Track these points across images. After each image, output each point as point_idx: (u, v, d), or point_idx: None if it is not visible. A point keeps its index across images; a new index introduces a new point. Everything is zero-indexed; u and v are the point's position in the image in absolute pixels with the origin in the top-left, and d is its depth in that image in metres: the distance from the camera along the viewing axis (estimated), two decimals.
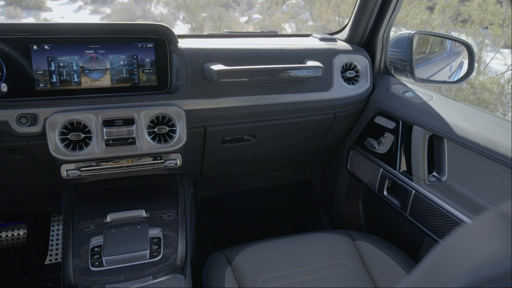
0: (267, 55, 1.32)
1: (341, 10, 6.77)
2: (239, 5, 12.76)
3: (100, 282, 0.96)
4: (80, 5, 14.40)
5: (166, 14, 12.45)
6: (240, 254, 1.17)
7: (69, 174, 1.15)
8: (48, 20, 10.91)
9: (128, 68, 1.20)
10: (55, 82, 1.15)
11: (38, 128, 1.09)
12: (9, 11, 12.03)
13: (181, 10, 11.45)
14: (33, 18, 11.68)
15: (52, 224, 1.79)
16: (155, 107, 1.16)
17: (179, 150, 1.22)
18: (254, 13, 11.16)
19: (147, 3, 13.22)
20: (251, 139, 1.38)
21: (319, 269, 1.17)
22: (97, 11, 13.14)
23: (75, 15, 13.14)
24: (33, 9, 12.88)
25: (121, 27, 1.20)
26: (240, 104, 1.28)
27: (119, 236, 1.08)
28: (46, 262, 1.70)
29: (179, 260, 1.05)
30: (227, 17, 10.12)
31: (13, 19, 11.15)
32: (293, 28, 8.51)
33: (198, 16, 10.36)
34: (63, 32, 1.15)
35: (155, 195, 1.25)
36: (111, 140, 1.13)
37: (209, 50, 1.26)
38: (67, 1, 14.83)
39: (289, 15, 8.88)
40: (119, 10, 12.75)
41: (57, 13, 13.08)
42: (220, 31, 5.76)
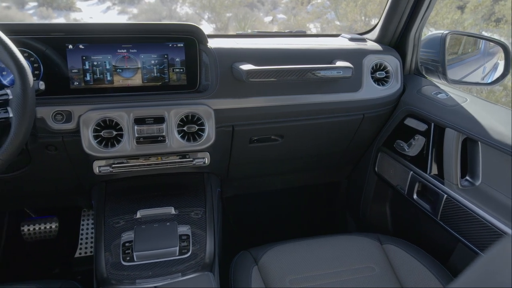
0: (296, 55, 1.32)
1: (368, 10, 6.67)
2: (264, 5, 12.76)
3: (130, 276, 0.98)
4: (108, 5, 14.73)
5: (191, 14, 12.58)
6: (267, 254, 1.17)
7: (101, 171, 1.18)
8: (78, 20, 11.22)
9: (159, 67, 1.22)
10: (89, 80, 1.18)
11: (73, 125, 1.13)
12: (41, 11, 12.43)
13: (206, 10, 11.54)
14: (63, 18, 12.03)
15: (82, 219, 1.84)
16: (184, 106, 1.18)
17: (208, 149, 1.23)
18: (278, 13, 11.13)
19: (173, 3, 13.39)
20: (278, 139, 1.38)
21: (346, 272, 1.16)
22: (124, 11, 13.41)
23: (103, 15, 13.44)
24: (64, 10, 13.27)
25: (153, 27, 1.22)
26: (268, 104, 1.28)
27: (149, 232, 1.10)
28: (76, 255, 1.75)
29: (208, 258, 1.06)
30: (251, 17, 10.14)
31: (45, 19, 11.50)
32: (318, 28, 8.44)
33: (223, 16, 10.43)
34: (98, 32, 1.18)
35: (183, 193, 1.27)
36: (141, 138, 1.15)
37: (238, 50, 1.27)
38: (96, 2, 15.19)
39: (314, 15, 8.82)
40: (146, 11, 12.97)
41: (86, 13, 13.41)
42: (244, 31, 5.77)
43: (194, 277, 0.99)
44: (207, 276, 1.00)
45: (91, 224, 1.84)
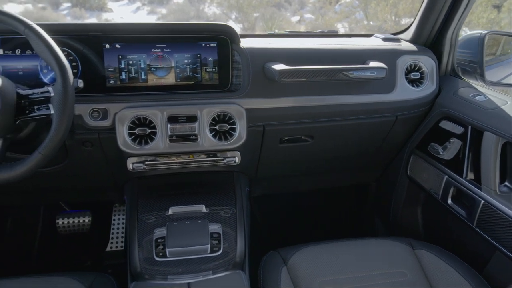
0: (328, 55, 1.30)
1: (399, 9, 6.53)
2: (291, 5, 12.70)
3: (162, 272, 1.00)
4: (138, 6, 15.02)
5: (218, 14, 12.67)
6: (296, 255, 1.16)
7: (135, 167, 1.21)
8: (109, 20, 11.48)
9: (192, 66, 1.24)
10: (124, 79, 1.21)
11: (108, 122, 1.16)
12: (74, 12, 12.82)
13: (234, 10, 11.59)
14: (95, 18, 12.36)
15: (114, 214, 1.89)
16: (217, 105, 1.19)
17: (238, 148, 1.24)
18: (306, 12, 11.06)
19: (200, 3, 13.53)
20: (308, 140, 1.37)
21: (377, 276, 1.14)
22: (153, 12, 13.65)
23: (133, 15, 13.73)
24: (96, 10, 13.63)
25: (187, 27, 1.23)
26: (299, 104, 1.27)
27: (181, 229, 1.11)
28: (107, 249, 1.80)
29: (238, 256, 1.06)
30: (278, 16, 10.11)
31: (78, 20, 11.84)
32: (346, 28, 8.34)
33: (250, 16, 10.45)
34: (133, 32, 1.21)
35: (214, 191, 1.28)
36: (174, 136, 1.17)
37: (271, 49, 1.27)
38: (127, 2, 15.53)
39: (343, 14, 8.71)
40: (174, 11, 13.16)
41: (117, 13, 13.72)
42: (271, 31, 5.74)
43: (226, 275, 1.00)
44: (238, 274, 1.01)
45: (122, 219, 1.89)
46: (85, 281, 1.05)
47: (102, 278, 1.08)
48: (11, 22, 0.92)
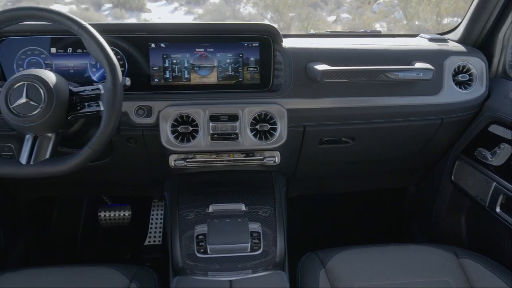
0: (372, 56, 1.28)
1: (442, 9, 6.29)
2: (327, 5, 12.55)
3: (203, 268, 1.02)
4: (176, 6, 15.32)
5: (254, 14, 12.70)
6: (335, 258, 1.14)
7: (176, 164, 1.23)
8: (148, 20, 11.78)
9: (234, 66, 1.25)
10: (168, 77, 1.24)
11: (152, 119, 1.19)
12: (115, 12, 13.24)
13: (269, 10, 11.59)
14: (135, 18, 12.71)
15: (152, 209, 1.94)
16: (258, 105, 1.19)
17: (278, 148, 1.23)
18: (342, 12, 10.89)
19: (236, 3, 13.61)
20: (349, 141, 1.35)
21: (418, 284, 1.10)
22: (190, 12, 13.88)
23: (171, 16, 14.02)
24: (135, 11, 14.02)
25: (230, 27, 1.25)
26: (341, 105, 1.25)
27: (221, 226, 1.13)
28: (146, 243, 1.85)
29: (278, 257, 1.06)
30: (314, 16, 10.02)
31: (118, 20, 12.21)
32: (384, 28, 8.13)
33: (285, 16, 10.42)
34: (178, 32, 1.23)
35: (253, 190, 1.29)
36: (216, 135, 1.18)
37: (313, 49, 1.26)
38: (164, 3, 15.88)
39: (381, 14, 8.51)
40: (211, 11, 13.32)
41: (155, 13, 14.06)
42: (307, 30, 5.68)
43: (267, 275, 1.00)
44: (280, 275, 1.01)
45: (160, 214, 1.93)
46: (127, 273, 1.08)
47: (144, 271, 1.11)
48: (66, 22, 0.97)
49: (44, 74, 0.97)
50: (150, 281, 1.08)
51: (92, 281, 1.05)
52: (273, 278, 1.00)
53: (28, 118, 0.94)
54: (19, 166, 0.94)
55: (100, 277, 1.07)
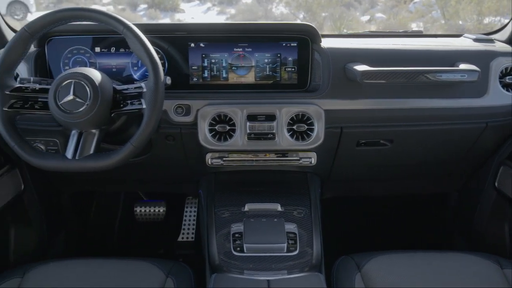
0: (414, 57, 1.24)
1: (483, 8, 6.03)
2: (361, 4, 12.34)
3: (239, 266, 1.02)
4: (209, 6, 15.51)
5: (286, 14, 12.67)
6: (371, 263, 1.12)
7: (213, 163, 1.25)
8: (181, 20, 12.00)
9: (272, 66, 1.25)
10: (207, 77, 1.26)
11: (191, 118, 1.20)
12: (150, 13, 13.56)
13: (302, 9, 11.52)
14: (168, 19, 12.97)
15: (186, 206, 1.97)
16: (296, 105, 1.19)
17: (315, 149, 1.22)
18: (377, 12, 10.67)
19: (268, 3, 13.62)
20: (387, 144, 1.32)
21: None
22: (223, 12, 14.01)
23: (203, 16, 14.20)
24: (169, 11, 14.30)
25: (269, 26, 1.25)
26: (380, 106, 1.23)
27: (257, 226, 1.13)
28: (179, 239, 1.88)
29: (315, 258, 1.05)
30: (348, 16, 9.88)
31: (153, 20, 12.51)
32: (421, 28, 7.91)
33: (318, 15, 10.33)
34: (217, 31, 1.24)
35: (287, 191, 1.28)
36: (253, 134, 1.19)
37: (352, 50, 1.24)
38: (198, 3, 16.11)
39: (417, 13, 8.27)
40: (243, 11, 13.40)
41: (189, 14, 14.28)
42: (340, 30, 5.62)
43: (305, 276, 0.99)
44: (317, 277, 1.00)
45: (193, 211, 1.96)
46: (164, 268, 1.10)
47: (180, 267, 1.13)
48: (111, 22, 1.00)
49: (90, 72, 1.00)
50: (185, 276, 1.10)
51: (130, 274, 1.08)
52: (310, 280, 0.99)
53: (75, 115, 0.97)
54: (66, 160, 0.98)
55: (138, 270, 1.10)
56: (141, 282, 1.05)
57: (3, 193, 1.30)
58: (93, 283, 1.05)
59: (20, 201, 1.41)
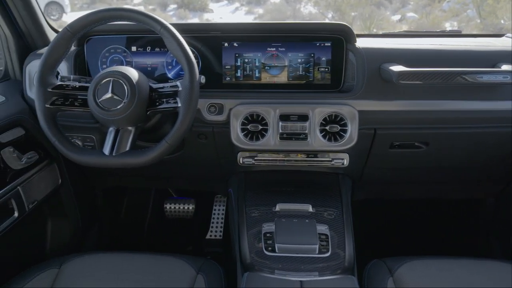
0: (452, 57, 1.21)
1: None
2: (392, 3, 12.09)
3: (270, 266, 1.02)
4: (237, 6, 15.60)
5: (315, 14, 12.58)
6: (403, 267, 1.10)
7: (244, 162, 1.25)
8: (210, 20, 12.12)
9: (305, 66, 1.24)
10: (239, 76, 1.26)
11: (223, 117, 1.21)
12: (179, 13, 13.77)
13: (330, 9, 11.41)
14: (197, 18, 13.14)
15: (215, 204, 1.99)
16: (329, 105, 1.17)
17: (347, 150, 1.21)
18: (408, 11, 10.42)
19: (297, 3, 13.55)
20: (422, 147, 1.29)
21: None
22: (251, 12, 14.05)
23: (232, 16, 14.29)
24: (198, 11, 14.48)
25: (303, 26, 1.24)
26: (416, 108, 1.20)
27: (289, 226, 1.12)
28: (207, 237, 1.90)
29: (348, 261, 1.04)
30: (378, 15, 9.70)
31: (182, 20, 12.71)
32: (455, 27, 7.67)
33: (347, 15, 10.19)
34: (251, 31, 1.25)
35: (319, 192, 1.27)
36: (285, 134, 1.18)
37: (388, 50, 1.21)
38: (226, 3, 16.22)
39: (451, 12, 8.02)
40: (271, 11, 13.39)
41: (217, 14, 14.41)
42: (370, 30, 5.54)
43: (338, 279, 0.98)
44: (351, 280, 0.99)
45: (222, 210, 1.98)
46: (194, 264, 1.11)
47: (210, 264, 1.14)
48: (149, 22, 1.01)
49: (128, 71, 1.03)
50: (216, 274, 1.11)
51: (162, 269, 1.10)
52: (344, 282, 0.98)
53: (112, 112, 1.00)
54: (103, 156, 1.01)
55: (169, 266, 1.12)
56: (173, 278, 1.07)
57: (42, 187, 1.35)
58: (126, 276, 1.08)
59: (57, 195, 1.46)
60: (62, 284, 1.06)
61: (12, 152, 1.21)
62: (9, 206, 1.21)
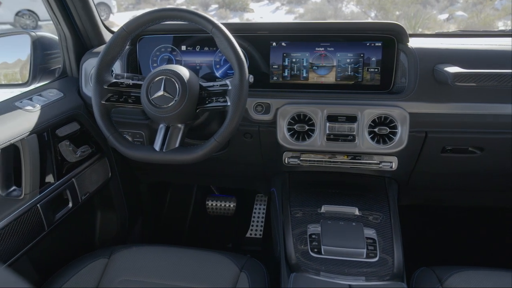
0: (509, 58, 1.14)
1: None
2: (439, 2, 11.63)
3: (315, 268, 1.01)
4: (278, 5, 15.58)
5: (356, 13, 12.34)
6: (454, 277, 1.05)
7: (290, 162, 1.25)
8: (250, 20, 12.20)
9: (354, 66, 1.22)
10: (286, 76, 1.26)
11: (270, 116, 1.21)
12: (220, 12, 13.96)
13: (373, 8, 11.15)
14: (237, 18, 13.26)
15: (256, 203, 2.00)
16: (378, 107, 1.15)
17: (396, 153, 1.17)
18: (457, 9, 9.98)
19: (338, 2, 13.35)
20: (476, 152, 1.23)
21: None
22: (291, 11, 13.99)
23: (272, 15, 14.30)
24: (239, 11, 14.61)
25: (353, 25, 1.22)
26: (471, 111, 1.14)
27: (335, 228, 1.11)
28: (247, 235, 1.91)
29: (397, 267, 1.01)
30: (424, 14, 9.36)
31: (223, 19, 12.88)
32: (508, 27, 7.26)
33: (391, 14, 9.92)
34: (300, 31, 1.24)
35: (366, 195, 1.24)
36: (332, 135, 1.17)
37: (442, 50, 1.16)
38: (267, 3, 16.26)
39: (504, 11, 7.60)
40: (312, 10, 13.27)
41: (258, 13, 14.46)
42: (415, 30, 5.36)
43: (388, 285, 0.96)
44: (401, 287, 0.96)
45: (262, 208, 1.99)
46: (237, 262, 1.12)
47: (253, 262, 1.15)
48: (201, 22, 1.03)
49: (180, 70, 1.05)
50: (259, 272, 1.11)
51: (206, 264, 1.12)
52: None
53: (164, 109, 1.02)
54: (154, 152, 1.04)
55: (213, 262, 1.13)
56: (217, 274, 1.09)
57: (94, 179, 1.41)
58: (172, 270, 1.10)
59: (107, 188, 1.52)
60: (112, 273, 1.10)
61: (68, 146, 1.27)
62: (64, 197, 1.28)
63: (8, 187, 1.11)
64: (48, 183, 1.20)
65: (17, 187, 1.13)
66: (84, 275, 1.10)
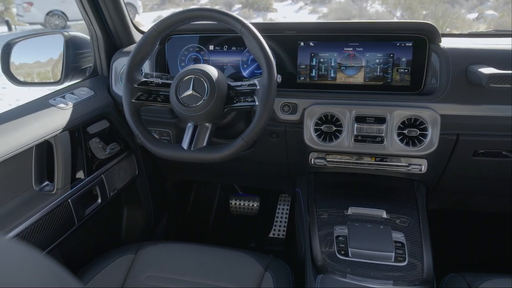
0: None
1: None
2: (467, 1, 11.30)
3: (342, 270, 1.00)
4: (301, 5, 15.50)
5: (382, 12, 12.15)
6: (485, 284, 1.02)
7: (316, 162, 1.24)
8: (273, 20, 12.19)
9: (383, 66, 1.20)
10: (314, 76, 1.25)
11: (297, 116, 1.21)
12: (244, 12, 14.00)
13: (399, 7, 10.95)
14: (261, 18, 13.27)
15: (279, 203, 2.00)
16: (408, 108, 1.12)
17: (426, 156, 1.15)
18: (487, 8, 9.68)
19: (363, 1, 13.18)
20: (510, 156, 1.19)
21: None
22: (315, 11, 13.90)
23: (295, 15, 14.24)
24: (262, 11, 14.62)
25: (383, 25, 1.20)
26: (505, 114, 1.11)
27: (363, 231, 1.09)
28: (270, 235, 1.91)
29: (426, 273, 0.99)
30: (452, 14, 9.12)
31: (246, 19, 12.89)
32: None
33: (418, 13, 9.72)
34: (328, 30, 1.23)
35: (393, 198, 1.22)
36: (360, 136, 1.15)
37: (476, 50, 1.13)
38: (290, 2, 16.20)
39: None
40: (335, 10, 13.14)
41: (281, 13, 14.43)
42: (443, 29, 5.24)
43: None
44: None
45: (286, 209, 1.98)
46: (262, 261, 1.12)
47: (277, 262, 1.14)
48: (231, 21, 1.04)
49: (209, 69, 1.06)
50: (284, 273, 1.11)
51: (231, 263, 1.12)
52: None
53: (192, 108, 1.03)
54: (182, 151, 1.05)
55: (237, 261, 1.14)
56: (241, 273, 1.09)
57: (122, 176, 1.44)
58: (197, 267, 1.11)
59: (134, 185, 1.55)
60: (138, 269, 1.12)
61: (98, 143, 1.30)
62: (93, 193, 1.31)
63: (41, 182, 1.15)
64: (78, 179, 1.23)
65: (50, 182, 1.16)
66: (112, 270, 1.13)
